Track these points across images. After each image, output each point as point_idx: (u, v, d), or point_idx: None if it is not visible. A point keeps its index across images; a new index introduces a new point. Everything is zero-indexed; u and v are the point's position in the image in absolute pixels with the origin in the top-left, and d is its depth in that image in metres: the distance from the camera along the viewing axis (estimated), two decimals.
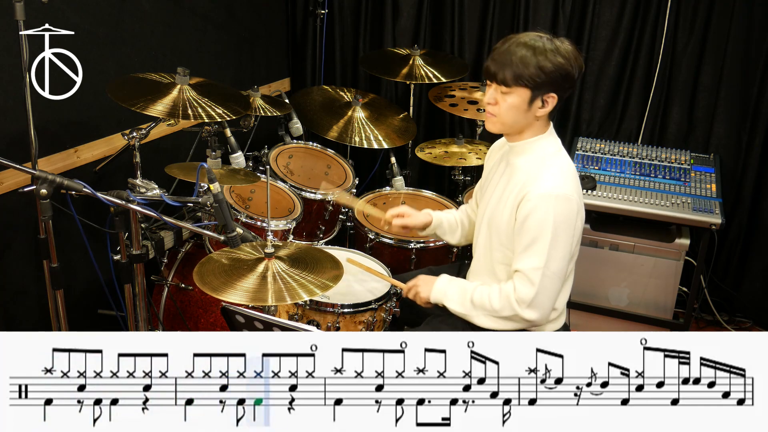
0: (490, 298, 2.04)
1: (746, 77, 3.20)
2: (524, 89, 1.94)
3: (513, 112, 1.98)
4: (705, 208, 2.99)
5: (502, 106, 1.99)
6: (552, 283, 1.98)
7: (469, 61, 3.59)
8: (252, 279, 1.86)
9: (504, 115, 2.00)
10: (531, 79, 1.91)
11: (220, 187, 1.91)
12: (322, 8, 3.71)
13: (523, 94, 1.95)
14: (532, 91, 1.94)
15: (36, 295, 2.55)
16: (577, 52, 1.97)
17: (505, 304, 2.01)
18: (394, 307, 2.40)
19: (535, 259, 1.96)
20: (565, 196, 1.95)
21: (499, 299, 2.02)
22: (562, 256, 1.97)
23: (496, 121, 2.03)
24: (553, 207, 1.93)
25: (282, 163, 3.10)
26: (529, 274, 1.97)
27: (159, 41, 2.93)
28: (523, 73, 1.91)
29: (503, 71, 1.93)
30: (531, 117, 2.00)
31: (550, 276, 1.97)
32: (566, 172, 2.02)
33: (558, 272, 1.98)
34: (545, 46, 1.92)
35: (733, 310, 3.50)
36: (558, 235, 1.94)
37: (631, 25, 3.34)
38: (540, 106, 1.98)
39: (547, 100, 1.97)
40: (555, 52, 1.92)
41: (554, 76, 1.92)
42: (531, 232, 1.96)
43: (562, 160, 2.06)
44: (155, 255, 2.68)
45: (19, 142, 2.29)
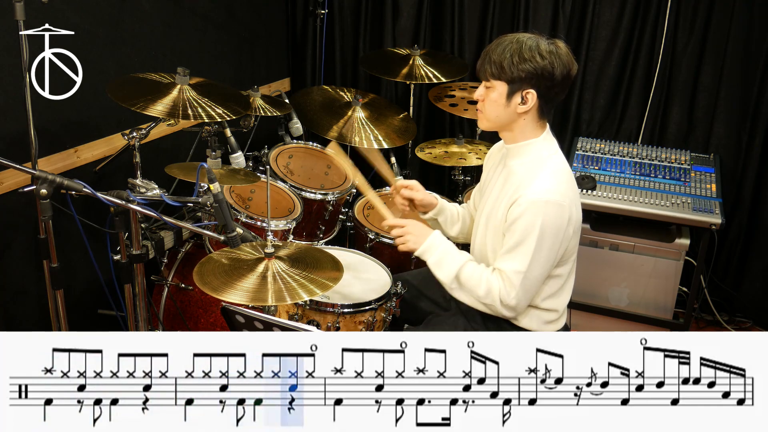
0: (478, 284, 2.05)
1: (746, 77, 3.20)
2: (501, 83, 1.98)
3: (493, 107, 2.02)
4: (705, 208, 2.99)
5: (486, 101, 2.04)
6: (532, 286, 2.01)
7: (469, 61, 3.59)
8: (252, 279, 1.86)
9: (487, 111, 2.05)
10: (503, 71, 1.95)
11: (220, 187, 1.91)
12: (322, 8, 3.71)
13: (501, 88, 1.98)
14: (509, 85, 1.97)
15: (36, 295, 2.55)
16: (569, 54, 1.99)
17: (487, 296, 2.04)
18: (394, 307, 2.40)
19: (517, 262, 1.98)
20: (556, 203, 1.95)
21: (484, 289, 2.04)
22: (545, 261, 1.99)
23: (482, 117, 2.09)
24: (542, 213, 1.94)
25: (282, 163, 3.10)
26: (510, 276, 1.99)
27: (159, 41, 2.93)
28: (498, 65, 1.96)
29: (484, 66, 2.00)
30: (512, 113, 2.01)
31: (531, 279, 1.99)
32: (560, 176, 2.02)
33: (539, 276, 2.00)
34: (527, 43, 1.95)
35: (733, 310, 3.50)
36: (543, 241, 1.95)
37: (631, 25, 3.34)
38: (519, 101, 1.99)
39: (527, 97, 1.98)
40: (534, 50, 1.94)
41: (531, 73, 1.94)
42: (517, 234, 1.97)
43: (557, 163, 2.06)
44: (155, 255, 2.68)
45: (19, 142, 2.29)
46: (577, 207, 2.05)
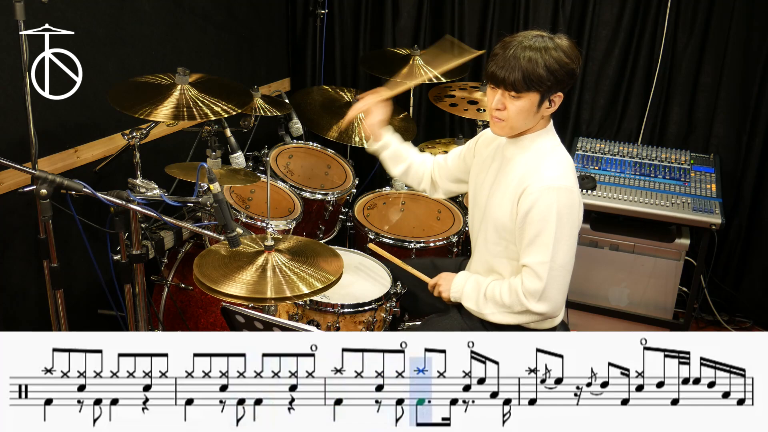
0: (501, 294, 2.05)
1: (746, 77, 3.20)
2: (534, 93, 1.93)
3: (523, 116, 1.98)
4: (705, 208, 2.99)
5: (510, 111, 1.97)
6: (560, 275, 1.98)
7: (468, 61, 3.58)
8: (251, 272, 1.86)
9: (513, 119, 1.99)
10: (542, 83, 1.91)
11: (220, 187, 1.91)
12: (322, 8, 3.71)
13: (533, 98, 1.95)
14: (542, 94, 1.94)
15: (36, 295, 2.55)
16: (574, 45, 1.98)
17: (515, 300, 2.02)
18: (394, 307, 2.40)
19: (540, 253, 1.96)
20: (567, 188, 1.95)
21: (508, 294, 2.03)
22: (569, 248, 1.97)
23: (504, 125, 2.02)
24: (555, 199, 1.93)
25: (282, 163, 3.10)
26: (536, 268, 1.97)
27: (159, 41, 2.93)
28: (533, 78, 1.90)
29: (512, 76, 1.91)
30: (538, 117, 2.01)
31: (557, 269, 1.97)
32: (566, 165, 2.03)
33: (565, 264, 1.98)
34: (548, 45, 1.92)
35: (733, 310, 3.50)
36: (562, 227, 1.94)
37: (631, 25, 3.34)
38: (548, 106, 1.99)
39: (554, 100, 1.98)
40: (559, 50, 1.92)
41: (561, 76, 1.93)
42: (534, 225, 1.95)
43: (560, 154, 2.06)
44: (155, 255, 2.68)
45: (19, 142, 2.29)
46: (580, 196, 2.04)
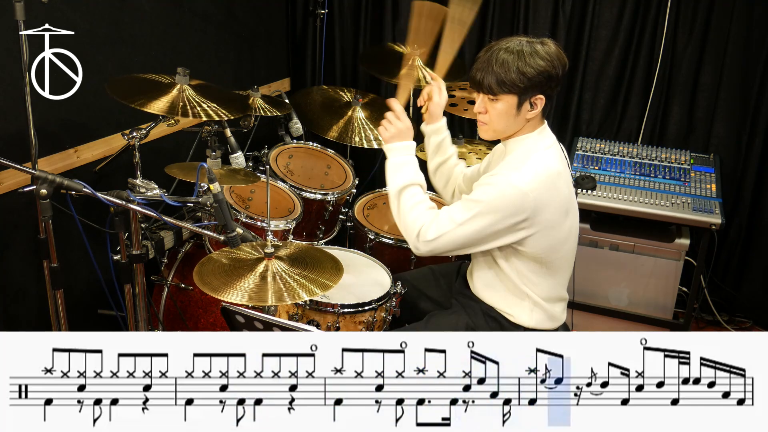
0: (412, 208, 2.10)
1: (746, 77, 3.20)
2: (510, 95, 1.97)
3: (503, 118, 2.01)
4: (705, 208, 2.99)
5: (491, 114, 2.02)
6: (455, 241, 2.02)
7: (468, 61, 3.58)
8: (252, 279, 1.86)
9: (495, 122, 2.03)
10: (514, 85, 1.94)
11: (220, 187, 1.91)
12: (322, 8, 3.71)
13: (510, 100, 1.98)
14: (519, 96, 1.97)
15: (36, 295, 2.55)
16: (560, 51, 2.00)
17: (413, 222, 2.07)
18: (394, 307, 2.40)
19: (460, 212, 2.00)
20: (520, 190, 1.94)
21: (414, 216, 2.08)
22: (479, 230, 1.99)
23: (487, 128, 2.07)
24: (502, 191, 1.96)
25: (282, 163, 3.10)
26: (443, 218, 2.02)
27: (159, 41, 2.93)
28: (506, 80, 1.94)
29: (487, 79, 1.97)
30: (522, 120, 2.03)
31: (459, 235, 2.01)
32: (539, 171, 1.99)
33: (468, 240, 2.02)
34: (524, 50, 1.95)
35: (733, 310, 3.50)
36: (489, 213, 1.96)
37: (631, 25, 3.34)
38: (529, 108, 2.00)
39: (536, 102, 1.99)
40: (535, 55, 1.94)
41: (537, 79, 1.94)
42: (474, 193, 2.01)
43: (543, 159, 2.03)
44: (155, 255, 2.68)
45: (19, 142, 2.29)
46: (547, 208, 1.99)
